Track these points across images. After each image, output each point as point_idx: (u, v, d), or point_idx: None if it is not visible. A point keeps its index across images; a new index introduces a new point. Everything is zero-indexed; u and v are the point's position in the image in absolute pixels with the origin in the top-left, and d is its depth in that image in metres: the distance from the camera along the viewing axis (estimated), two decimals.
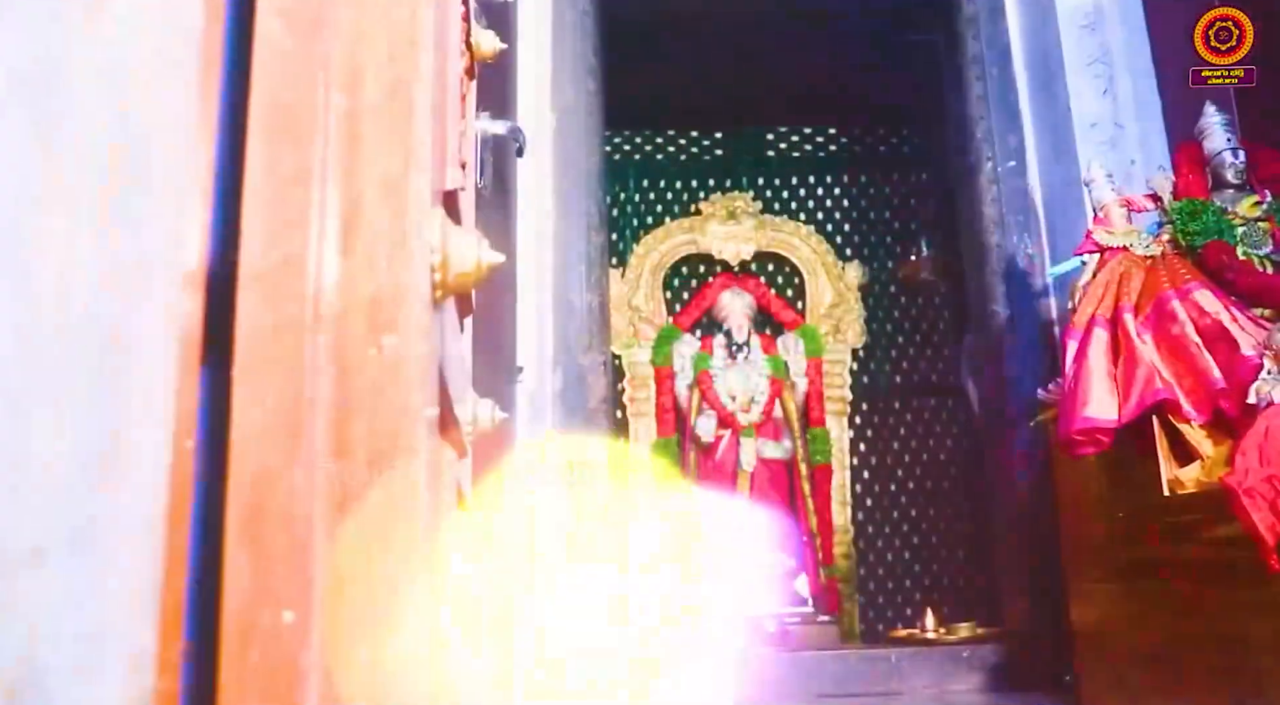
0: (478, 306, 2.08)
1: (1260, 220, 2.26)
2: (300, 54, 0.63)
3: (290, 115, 0.62)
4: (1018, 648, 2.76)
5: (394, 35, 0.66)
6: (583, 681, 2.30)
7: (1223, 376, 1.84)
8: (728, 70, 4.88)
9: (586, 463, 2.87)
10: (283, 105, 0.62)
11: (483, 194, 2.02)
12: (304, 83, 0.62)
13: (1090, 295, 2.18)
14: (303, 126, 0.62)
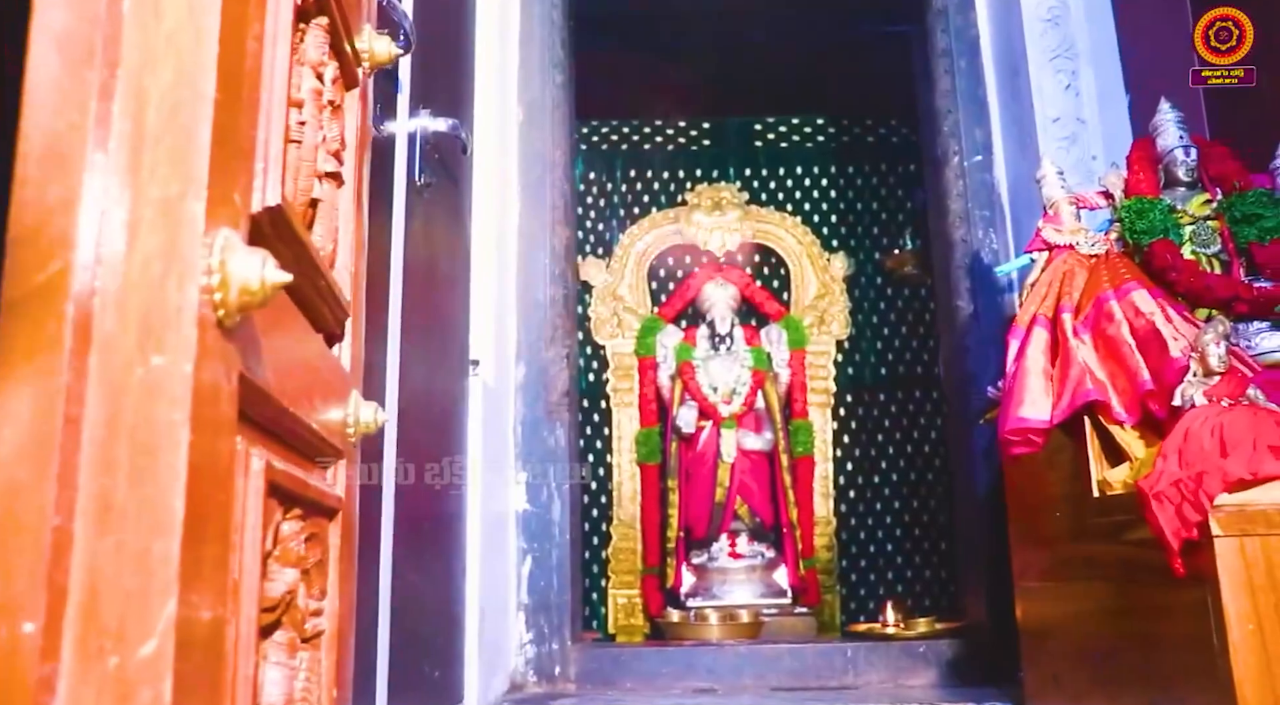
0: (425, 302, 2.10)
1: (1209, 219, 2.25)
2: (72, 81, 0.64)
3: (60, 142, 0.64)
4: (973, 643, 2.77)
5: (180, 62, 0.68)
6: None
7: (1151, 378, 1.84)
8: (716, 60, 4.88)
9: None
10: (53, 132, 0.64)
11: (422, 190, 2.04)
12: (75, 109, 0.64)
13: (1034, 294, 2.18)
14: (72, 154, 0.63)
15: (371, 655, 1.66)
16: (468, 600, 2.38)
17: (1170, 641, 1.58)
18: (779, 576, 4.49)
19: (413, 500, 1.97)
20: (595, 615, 4.70)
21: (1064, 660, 2.08)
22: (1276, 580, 1.43)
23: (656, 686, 2.76)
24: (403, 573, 1.84)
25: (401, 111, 1.92)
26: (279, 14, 0.83)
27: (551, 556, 2.84)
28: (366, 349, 1.67)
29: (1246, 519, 1.46)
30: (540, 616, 2.80)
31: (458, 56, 2.52)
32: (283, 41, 0.83)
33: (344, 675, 1.10)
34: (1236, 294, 2.02)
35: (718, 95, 5.08)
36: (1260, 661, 1.40)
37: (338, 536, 1.08)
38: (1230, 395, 1.71)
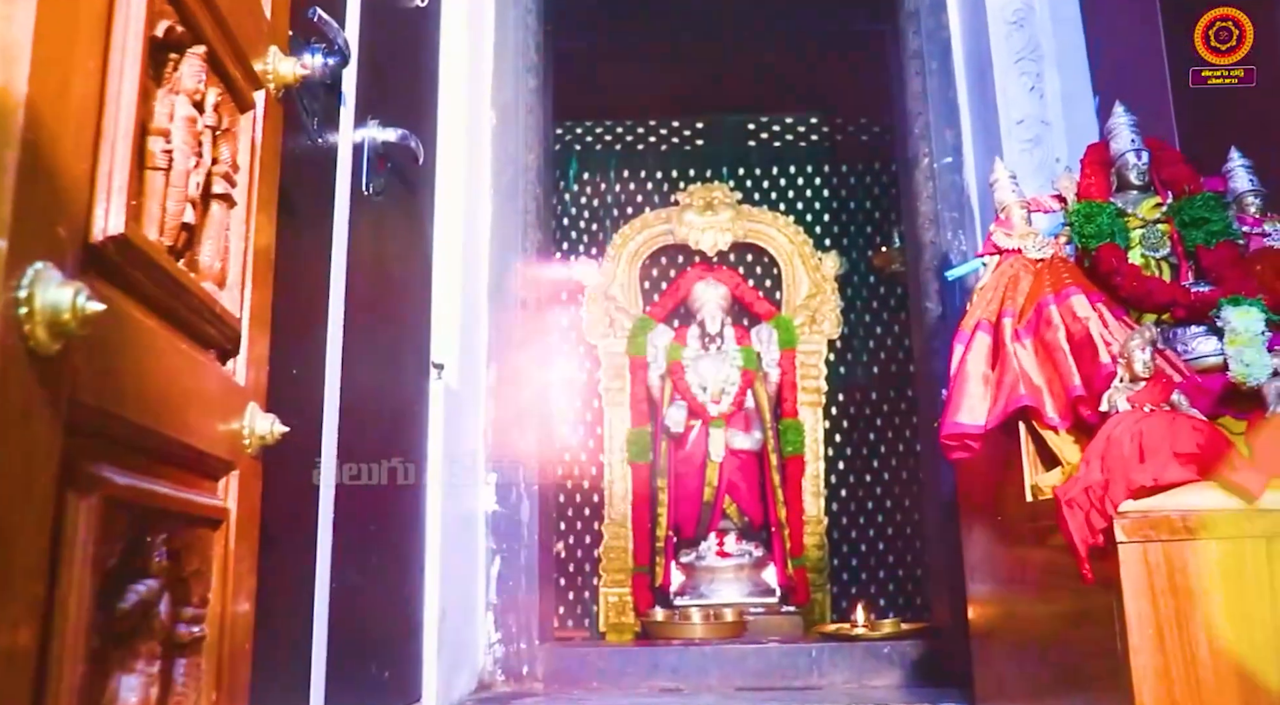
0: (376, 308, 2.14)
1: (1159, 222, 2.25)
2: None
3: None
4: (937, 644, 2.78)
5: None
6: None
7: (1082, 383, 1.85)
8: (709, 60, 4.90)
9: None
10: None
11: (371, 199, 2.08)
12: None
13: (980, 298, 2.19)
14: None
15: (305, 657, 1.70)
16: (427, 600, 2.42)
17: (1086, 646, 1.59)
18: (768, 576, 4.51)
19: (360, 502, 2.01)
20: (587, 613, 4.74)
21: (1007, 662, 2.10)
22: (1177, 585, 1.44)
23: (623, 686, 2.80)
24: (346, 574, 1.88)
25: (346, 122, 1.96)
26: (125, 48, 0.87)
27: (520, 557, 2.87)
28: (302, 356, 1.72)
29: (1150, 525, 1.47)
30: (509, 616, 2.84)
31: (417, 64, 2.56)
32: (130, 74, 0.87)
33: (232, 679, 1.14)
34: (1175, 299, 2.02)
35: (711, 95, 5.10)
36: (1159, 665, 1.42)
37: (224, 545, 1.12)
38: (1153, 401, 1.72)
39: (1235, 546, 1.45)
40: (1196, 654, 1.42)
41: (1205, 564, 1.45)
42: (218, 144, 1.14)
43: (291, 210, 1.66)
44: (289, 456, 1.67)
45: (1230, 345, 1.87)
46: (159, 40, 0.96)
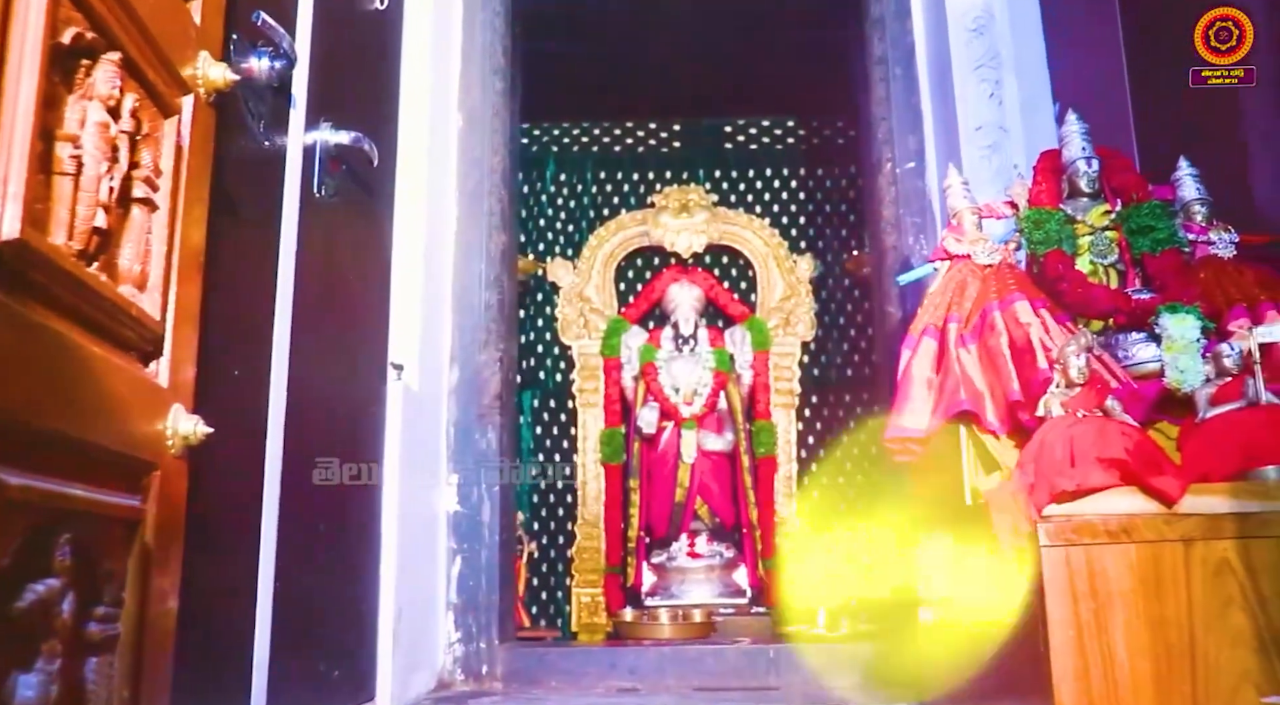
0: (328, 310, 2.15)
1: (1108, 229, 2.27)
2: None
3: None
4: (894, 646, 2.80)
5: None
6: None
7: (1021, 388, 1.87)
8: (687, 63, 4.91)
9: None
10: None
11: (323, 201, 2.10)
12: None
13: (929, 303, 2.21)
14: None
15: (245, 655, 1.71)
16: (382, 600, 2.43)
17: (1017, 648, 1.61)
18: (739, 577, 4.53)
19: (309, 502, 2.02)
20: (560, 613, 4.76)
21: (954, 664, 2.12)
22: (1097, 588, 1.47)
23: (581, 686, 2.81)
24: (293, 574, 1.89)
25: (296, 125, 1.97)
26: (23, 56, 0.88)
27: (481, 557, 2.89)
28: (245, 357, 1.73)
29: (1073, 529, 1.50)
30: (469, 616, 2.86)
31: (376, 67, 2.57)
32: (28, 82, 0.89)
33: (151, 677, 1.15)
34: (1116, 306, 2.05)
35: (688, 98, 5.12)
36: (1079, 666, 1.44)
37: (140, 544, 1.14)
38: (1087, 406, 1.74)
39: (1154, 550, 1.48)
40: (1114, 655, 1.44)
41: (1125, 567, 1.47)
42: (138, 148, 1.16)
43: (234, 212, 1.67)
44: (231, 456, 1.69)
45: (1167, 352, 1.89)
46: (66, 47, 0.97)
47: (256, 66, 1.75)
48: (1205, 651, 1.43)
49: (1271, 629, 1.43)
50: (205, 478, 1.51)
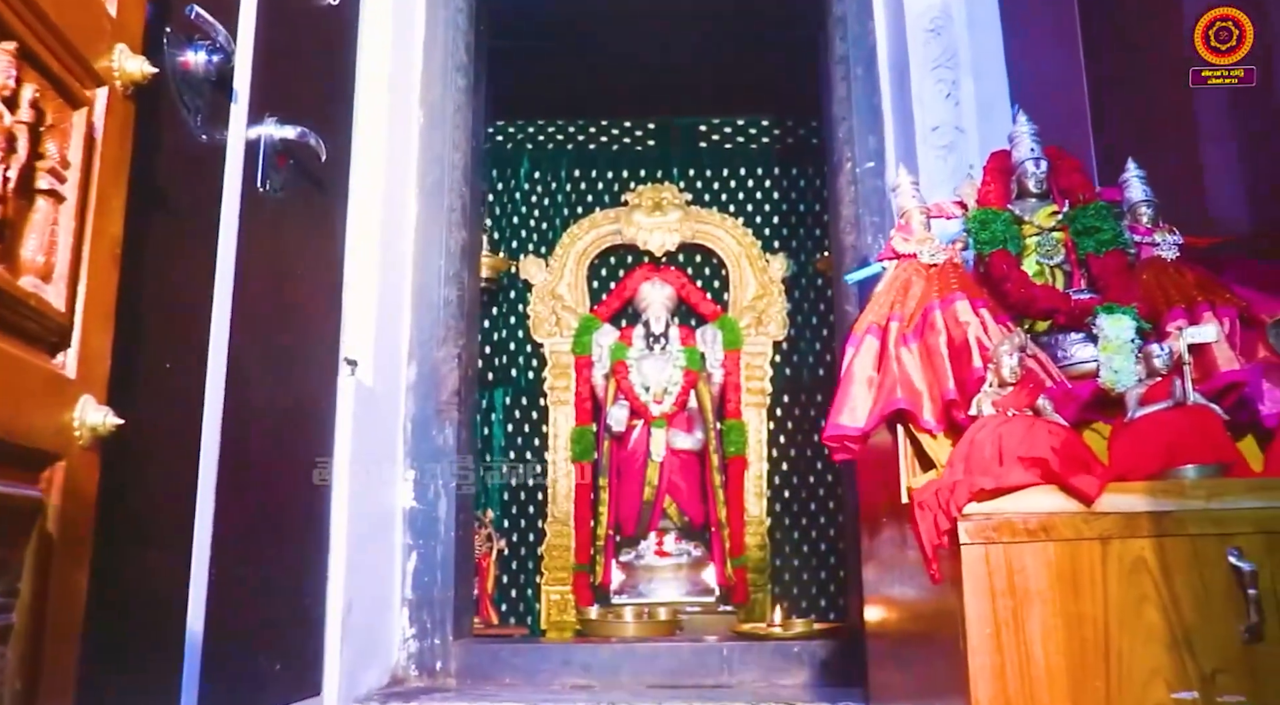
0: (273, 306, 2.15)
1: (1055, 230, 2.28)
2: None
3: None
4: (846, 643, 2.81)
5: None
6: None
7: (956, 388, 1.88)
8: (661, 62, 4.92)
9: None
10: None
11: (270, 197, 2.10)
12: None
13: (873, 303, 2.22)
14: None
15: (176, 648, 1.71)
16: (330, 595, 2.43)
17: (943, 646, 1.62)
18: (707, 575, 4.54)
19: (251, 495, 2.02)
20: (530, 611, 4.76)
21: (893, 662, 2.13)
22: (1015, 586, 1.47)
23: (536, 682, 2.82)
24: (231, 567, 1.90)
25: (238, 119, 1.97)
26: None
27: (437, 553, 2.89)
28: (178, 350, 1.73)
29: (993, 527, 1.50)
30: (424, 612, 2.86)
31: (330, 62, 2.58)
32: None
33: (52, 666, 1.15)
34: (1056, 306, 2.06)
35: (663, 96, 5.12)
36: (996, 664, 1.45)
37: (40, 534, 1.14)
38: (1018, 405, 1.75)
39: (1072, 548, 1.48)
40: (1031, 652, 1.45)
41: (1043, 565, 1.48)
42: (42, 140, 1.16)
43: (165, 204, 1.68)
44: (162, 448, 1.69)
45: (1102, 352, 1.90)
46: None
47: (193, 60, 1.76)
48: (1119, 648, 1.44)
49: (1183, 626, 1.44)
50: (129, 469, 1.52)
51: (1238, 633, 1.44)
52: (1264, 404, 1.80)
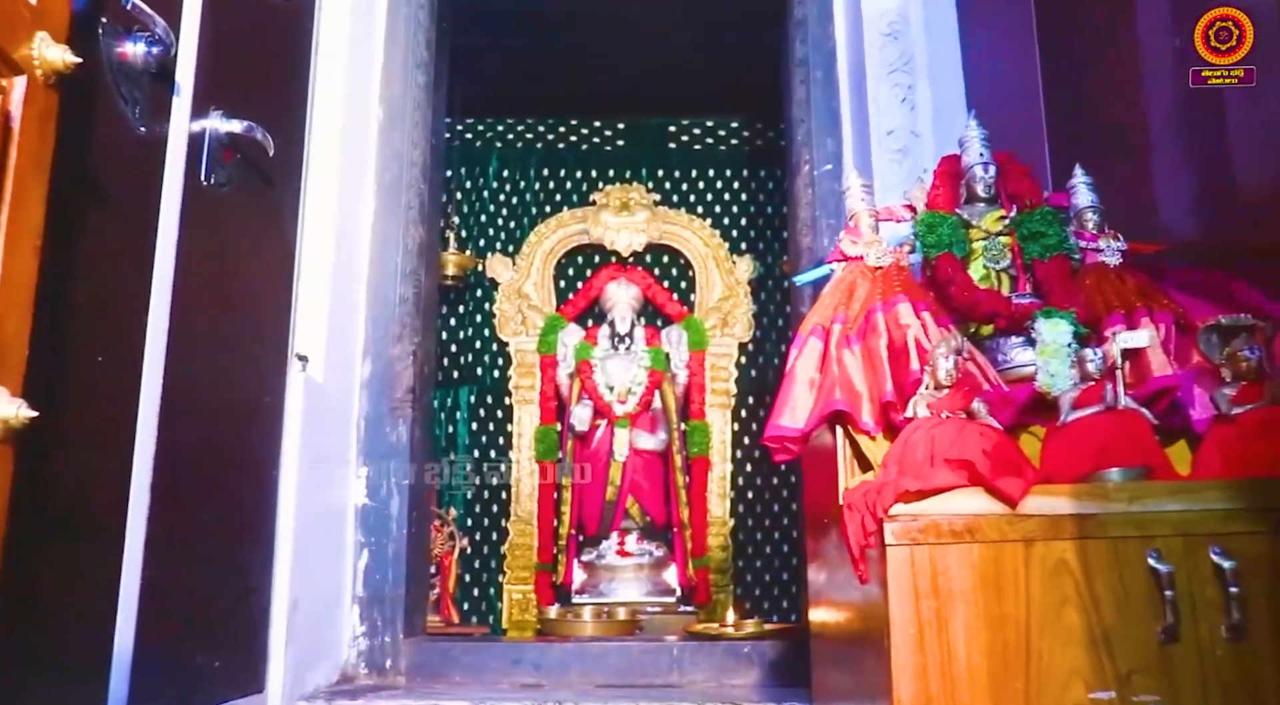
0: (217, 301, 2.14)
1: (1002, 234, 2.30)
2: None
3: None
4: (796, 644, 2.82)
5: None
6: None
7: (895, 390, 1.89)
8: (632, 62, 4.92)
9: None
10: None
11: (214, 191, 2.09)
12: None
13: (818, 304, 2.23)
14: None
15: (104, 645, 1.70)
16: (276, 592, 2.42)
17: (872, 646, 1.63)
18: (669, 575, 4.55)
19: (189, 490, 2.01)
20: (492, 610, 4.76)
21: (832, 663, 2.14)
22: (939, 588, 1.48)
23: (485, 681, 2.81)
24: (166, 563, 1.88)
25: (180, 112, 1.96)
26: None
27: (389, 550, 2.88)
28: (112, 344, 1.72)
29: (918, 529, 1.51)
30: (374, 610, 2.85)
31: (282, 56, 2.56)
32: None
33: None
34: (997, 310, 2.07)
35: (633, 96, 5.13)
36: (918, 664, 1.46)
37: None
38: (952, 408, 1.76)
39: (996, 550, 1.49)
40: (954, 653, 1.46)
41: (967, 567, 1.49)
42: None
43: (98, 196, 1.67)
44: (91, 441, 1.68)
45: (1040, 356, 1.91)
46: None
47: (131, 51, 1.75)
48: (1039, 649, 1.45)
49: (1102, 627, 1.45)
50: (53, 464, 1.51)
51: (1155, 633, 1.45)
52: (1194, 409, 1.82)
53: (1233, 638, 1.44)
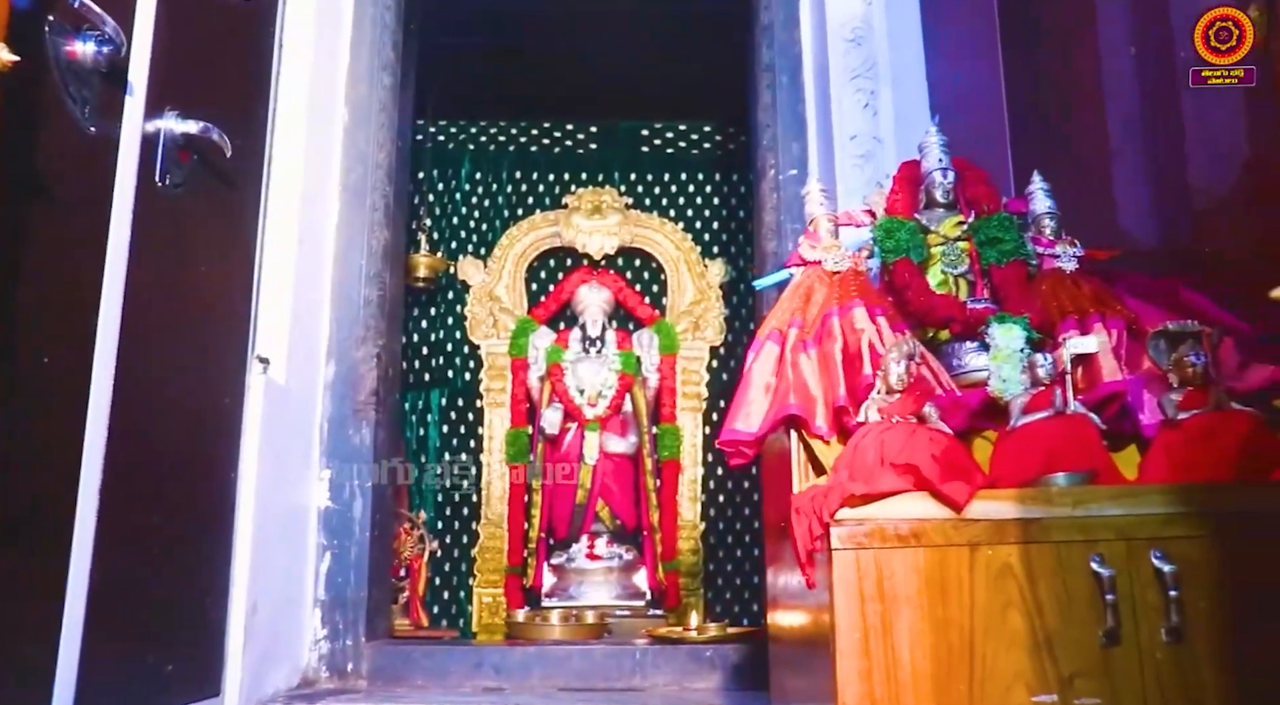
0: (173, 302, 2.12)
1: (960, 240, 2.31)
2: None
3: None
4: (758, 647, 2.83)
5: None
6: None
7: (848, 394, 1.89)
8: (606, 65, 4.93)
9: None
10: None
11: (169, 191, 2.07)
12: None
13: (776, 309, 2.24)
14: None
15: (49, 647, 1.68)
16: (234, 594, 2.40)
17: (821, 649, 1.64)
18: (639, 579, 4.55)
19: (142, 492, 1.99)
20: (463, 613, 4.74)
21: (789, 666, 2.15)
22: (884, 592, 1.49)
23: (447, 685, 2.81)
24: (117, 565, 1.87)
25: (134, 112, 1.95)
26: None
27: (351, 553, 2.87)
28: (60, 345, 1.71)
29: (864, 533, 1.52)
30: (336, 612, 2.84)
31: (243, 57, 2.55)
32: None
33: None
34: (952, 315, 2.09)
35: (606, 99, 5.13)
36: (863, 668, 1.47)
37: None
38: (904, 412, 1.77)
39: (941, 554, 1.50)
40: (898, 657, 1.47)
41: (912, 571, 1.50)
42: None
43: (44, 195, 1.65)
44: (37, 443, 1.66)
45: (993, 361, 1.93)
46: None
47: (80, 50, 1.74)
48: (983, 653, 1.46)
49: (1045, 631, 1.46)
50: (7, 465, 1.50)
51: (1097, 637, 1.46)
52: (1144, 414, 1.83)
53: (1172, 640, 1.46)
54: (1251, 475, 1.59)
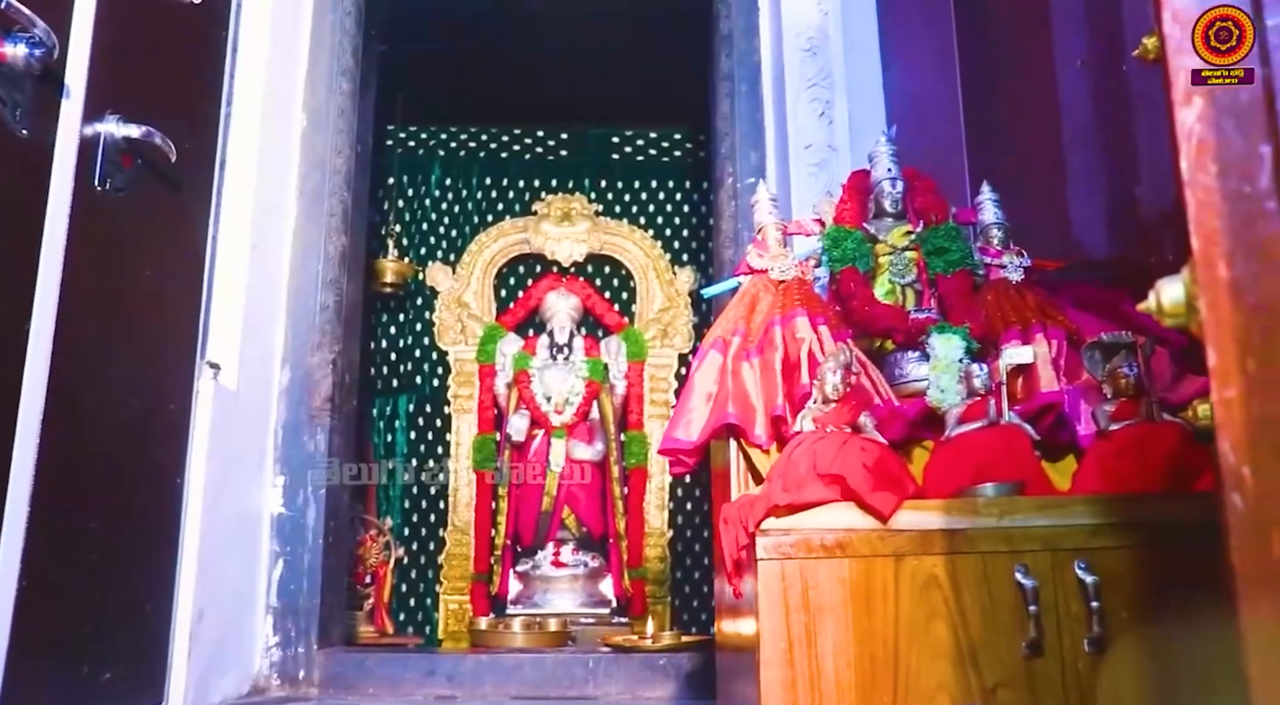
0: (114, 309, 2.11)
1: (908, 249, 2.32)
2: None
3: None
4: (707, 658, 2.82)
5: None
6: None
7: (786, 403, 1.89)
8: (574, 71, 4.93)
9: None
10: None
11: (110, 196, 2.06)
12: None
13: (722, 318, 2.23)
14: None
15: None
16: (180, 601, 2.39)
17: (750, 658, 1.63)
18: (605, 587, 4.53)
19: (77, 498, 1.98)
20: (429, 620, 4.72)
21: (732, 675, 2.14)
22: (809, 602, 1.49)
23: (399, 692, 2.79)
24: (48, 572, 1.85)
25: (70, 116, 1.93)
26: None
27: (304, 560, 2.86)
28: None
29: (790, 544, 1.52)
30: (288, 620, 2.82)
31: (192, 61, 2.54)
32: None
33: None
34: (894, 325, 2.09)
35: (576, 106, 5.13)
36: (787, 679, 1.46)
37: None
38: (839, 422, 1.77)
39: (867, 565, 1.50)
40: (822, 667, 1.47)
41: (838, 582, 1.50)
42: None
43: None
44: None
45: (932, 371, 1.93)
46: None
47: (10, 53, 1.72)
48: (907, 663, 1.46)
49: (970, 641, 1.46)
50: None
51: (1020, 647, 1.46)
52: (1080, 424, 1.84)
53: (1094, 651, 1.46)
54: (1177, 486, 1.59)
